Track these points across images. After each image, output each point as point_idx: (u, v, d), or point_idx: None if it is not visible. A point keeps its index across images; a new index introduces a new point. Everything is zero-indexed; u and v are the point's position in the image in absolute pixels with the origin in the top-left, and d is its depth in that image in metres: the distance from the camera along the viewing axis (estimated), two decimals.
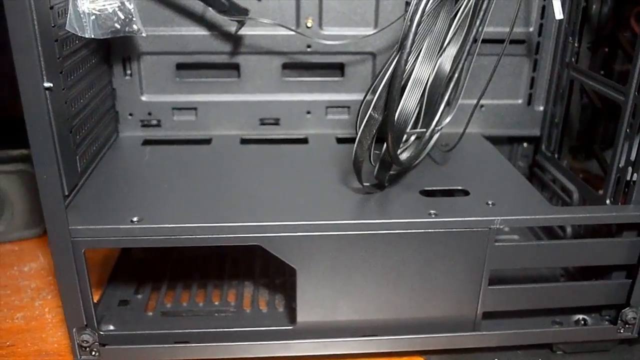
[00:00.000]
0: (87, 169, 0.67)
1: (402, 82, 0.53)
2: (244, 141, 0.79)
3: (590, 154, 0.83)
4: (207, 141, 0.78)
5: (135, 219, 0.57)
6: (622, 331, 0.65)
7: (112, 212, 0.59)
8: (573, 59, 0.76)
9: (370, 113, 0.54)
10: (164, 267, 0.77)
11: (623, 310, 0.64)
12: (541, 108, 0.83)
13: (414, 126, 0.64)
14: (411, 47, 0.51)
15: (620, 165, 0.64)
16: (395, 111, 0.54)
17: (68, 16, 0.59)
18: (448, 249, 0.59)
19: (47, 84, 0.53)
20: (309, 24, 0.76)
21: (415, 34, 0.51)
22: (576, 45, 0.76)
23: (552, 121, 0.81)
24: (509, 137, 0.86)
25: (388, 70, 0.53)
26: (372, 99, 0.55)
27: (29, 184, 0.85)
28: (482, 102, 0.80)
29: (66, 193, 0.58)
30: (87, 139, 0.67)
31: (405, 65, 0.51)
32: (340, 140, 0.79)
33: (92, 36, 0.61)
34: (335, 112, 0.81)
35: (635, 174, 0.62)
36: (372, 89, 0.58)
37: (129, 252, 0.79)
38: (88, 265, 0.57)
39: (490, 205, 0.61)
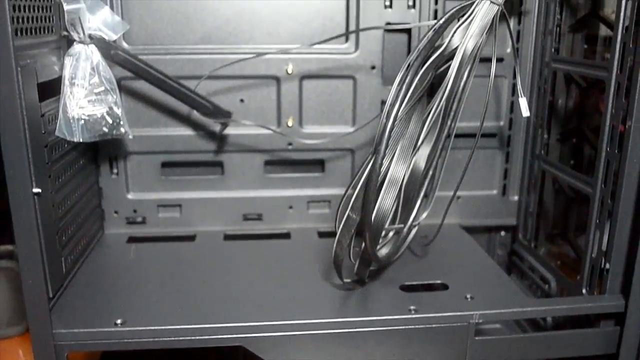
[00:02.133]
0: (73, 268, 0.67)
1: (378, 183, 0.56)
2: (228, 237, 0.80)
3: (566, 240, 0.85)
4: (192, 238, 0.80)
5: (118, 321, 0.57)
6: None
7: (95, 314, 0.59)
8: (543, 151, 0.80)
9: (348, 213, 0.56)
10: None
11: None
12: (516, 198, 0.86)
13: (392, 221, 0.66)
14: (385, 151, 0.53)
15: (593, 255, 0.66)
16: (372, 212, 0.56)
17: (58, 122, 0.62)
18: (429, 344, 0.60)
19: (35, 190, 0.54)
20: (289, 124, 0.79)
21: (389, 139, 0.53)
22: (545, 137, 0.80)
23: (527, 210, 0.84)
24: (486, 227, 0.88)
25: (364, 173, 0.56)
26: (352, 195, 0.57)
27: (12, 281, 0.85)
28: (458, 193, 0.83)
29: (50, 295, 0.59)
30: (73, 239, 0.68)
31: (380, 168, 0.53)
32: (321, 235, 0.81)
33: (81, 140, 0.63)
34: (316, 206, 0.83)
35: (607, 263, 0.64)
36: (351, 185, 0.60)
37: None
38: None
39: (469, 299, 0.63)
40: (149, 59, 0.71)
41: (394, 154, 0.60)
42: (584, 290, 0.68)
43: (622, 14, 0.60)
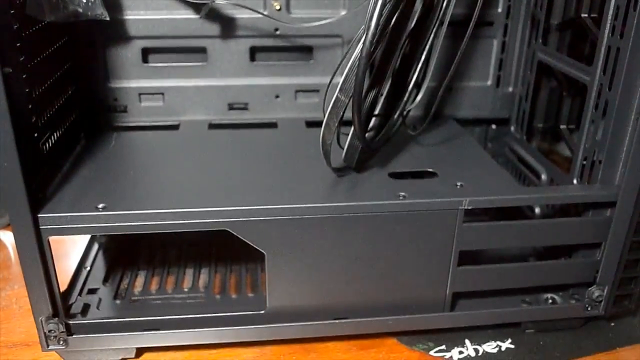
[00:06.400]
0: (52, 154, 0.65)
1: (369, 64, 0.53)
2: (212, 126, 0.78)
3: (558, 136, 0.84)
4: (175, 127, 0.77)
5: (100, 205, 0.56)
6: (589, 309, 0.66)
7: (77, 199, 0.58)
8: (540, 41, 0.77)
9: (337, 95, 0.54)
10: (133, 254, 0.76)
11: (589, 289, 0.65)
12: (510, 90, 0.84)
13: (383, 108, 0.63)
14: (376, 28, 0.50)
15: (586, 146, 0.65)
16: (362, 93, 0.53)
17: None
18: (417, 230, 0.59)
19: (6, 69, 0.51)
20: (277, 7, 0.75)
21: (380, 15, 0.50)
22: (543, 26, 0.76)
23: (521, 103, 0.82)
24: (479, 119, 0.86)
25: (354, 51, 0.53)
26: (340, 80, 0.55)
27: None
28: (451, 84, 0.81)
29: (27, 178, 0.56)
30: (50, 124, 0.65)
31: (371, 47, 0.50)
32: (310, 124, 0.79)
33: (53, 20, 0.60)
34: (304, 95, 0.81)
35: (601, 154, 0.62)
36: (338, 69, 0.58)
37: (97, 240, 0.78)
38: (53, 253, 0.56)
39: (459, 187, 0.61)
40: None
41: (386, 34, 0.57)
42: (575, 181, 0.67)
43: None
